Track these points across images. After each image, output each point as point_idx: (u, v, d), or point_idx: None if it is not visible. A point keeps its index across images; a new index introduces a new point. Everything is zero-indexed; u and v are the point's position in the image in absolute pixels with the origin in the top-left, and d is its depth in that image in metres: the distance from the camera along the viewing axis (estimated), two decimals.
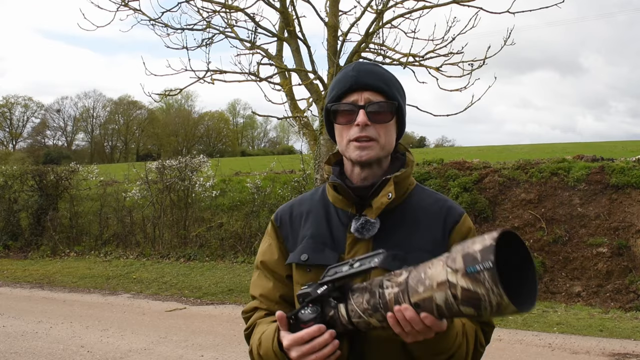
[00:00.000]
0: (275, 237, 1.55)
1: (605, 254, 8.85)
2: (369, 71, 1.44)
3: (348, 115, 1.42)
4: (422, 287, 1.06)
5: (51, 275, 10.54)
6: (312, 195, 1.56)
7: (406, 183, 1.46)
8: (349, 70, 1.45)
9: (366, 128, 1.39)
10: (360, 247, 1.39)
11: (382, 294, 1.12)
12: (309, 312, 1.20)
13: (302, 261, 1.43)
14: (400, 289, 1.10)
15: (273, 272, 1.51)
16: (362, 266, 1.16)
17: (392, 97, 1.43)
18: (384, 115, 1.42)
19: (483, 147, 31.22)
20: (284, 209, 1.58)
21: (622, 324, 6.92)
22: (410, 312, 1.08)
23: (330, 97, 1.46)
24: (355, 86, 1.41)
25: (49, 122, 56.85)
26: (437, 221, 1.42)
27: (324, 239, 1.44)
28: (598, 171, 9.73)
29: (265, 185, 12.80)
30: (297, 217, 1.53)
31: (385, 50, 8.22)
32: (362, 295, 1.16)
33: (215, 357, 5.69)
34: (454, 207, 1.46)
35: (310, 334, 1.18)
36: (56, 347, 6.01)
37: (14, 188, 13.94)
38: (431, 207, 1.45)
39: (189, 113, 60.43)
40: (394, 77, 1.48)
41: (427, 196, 1.49)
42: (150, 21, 8.24)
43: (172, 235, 12.44)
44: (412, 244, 1.38)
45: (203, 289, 9.16)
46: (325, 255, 1.42)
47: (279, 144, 60.48)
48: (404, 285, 1.10)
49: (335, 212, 1.47)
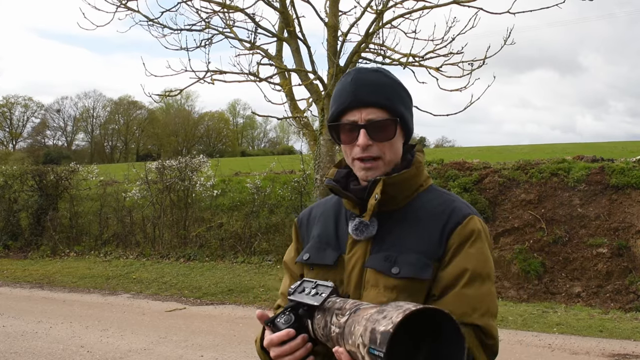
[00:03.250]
0: (295, 238, 1.62)
1: (605, 255, 8.85)
2: (369, 83, 1.37)
3: (349, 134, 1.38)
4: (350, 340, 1.05)
5: (51, 275, 10.54)
6: (331, 197, 1.58)
7: (409, 185, 1.41)
8: (347, 84, 1.38)
9: (369, 148, 1.35)
10: (358, 248, 1.40)
11: (330, 329, 1.14)
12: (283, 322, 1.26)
13: (304, 260, 1.48)
14: (340, 331, 1.10)
15: (291, 271, 1.59)
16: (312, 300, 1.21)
17: (394, 112, 1.37)
18: (387, 133, 1.37)
19: (483, 148, 31.20)
20: (305, 211, 1.64)
21: (622, 324, 6.92)
22: (345, 357, 1.07)
23: (330, 114, 1.43)
24: (354, 103, 1.36)
25: (49, 122, 56.91)
26: (438, 222, 1.36)
27: (328, 239, 1.47)
28: (598, 172, 9.73)
29: (265, 185, 12.80)
30: (313, 218, 1.57)
31: (385, 50, 8.23)
32: (322, 320, 1.18)
33: (215, 357, 5.69)
34: (459, 208, 1.39)
35: (280, 337, 1.23)
36: (56, 347, 6.01)
37: (14, 188, 13.93)
38: (435, 208, 1.39)
39: (189, 113, 60.44)
40: (396, 84, 1.41)
41: (436, 197, 1.43)
42: (148, 22, 8.24)
43: (172, 235, 12.44)
44: (406, 245, 1.35)
45: (203, 289, 9.16)
46: (326, 255, 1.44)
47: (279, 144, 60.48)
48: (342, 329, 1.09)
49: (344, 213, 1.48)
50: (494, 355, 1.33)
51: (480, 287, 1.31)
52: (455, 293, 1.30)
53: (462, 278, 1.30)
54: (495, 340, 1.31)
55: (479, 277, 1.31)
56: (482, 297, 1.31)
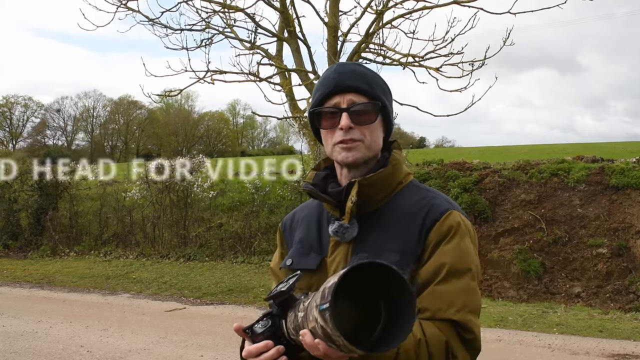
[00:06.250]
0: (280, 243, 1.60)
1: (605, 255, 8.85)
2: (351, 72, 1.40)
3: (331, 119, 1.40)
4: (311, 316, 1.06)
5: (51, 275, 10.54)
6: (313, 200, 1.56)
7: (387, 184, 1.40)
8: (330, 73, 1.42)
9: (350, 131, 1.37)
10: (340, 250, 1.39)
11: (297, 316, 1.14)
12: (260, 327, 1.24)
13: (287, 266, 1.47)
14: (304, 314, 1.10)
15: (277, 277, 1.56)
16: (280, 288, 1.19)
17: (375, 97, 1.39)
18: (368, 116, 1.39)
19: (483, 148, 31.19)
20: (288, 216, 1.62)
21: (622, 324, 6.92)
22: (308, 337, 1.06)
23: (313, 102, 1.44)
24: (337, 89, 1.38)
25: (49, 122, 56.85)
26: (416, 220, 1.35)
27: (311, 243, 1.46)
28: (598, 172, 9.73)
29: (264, 185, 12.81)
30: (296, 223, 1.56)
31: (385, 50, 8.23)
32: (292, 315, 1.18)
33: (215, 357, 5.69)
34: (437, 204, 1.37)
35: (259, 348, 1.21)
36: (56, 346, 6.01)
37: (14, 188, 13.94)
38: (413, 206, 1.38)
39: (189, 113, 60.41)
40: (377, 76, 1.45)
41: (415, 194, 1.42)
42: (148, 21, 8.24)
43: (171, 235, 12.44)
44: (386, 245, 1.34)
45: (203, 289, 9.16)
46: (309, 259, 1.43)
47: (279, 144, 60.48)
48: (306, 310, 1.10)
49: (326, 216, 1.47)
50: (475, 351, 1.31)
51: (457, 283, 1.29)
52: (431, 289, 1.28)
53: (439, 274, 1.29)
54: (475, 335, 1.29)
55: (456, 272, 1.29)
56: (459, 292, 1.28)
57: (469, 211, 9.67)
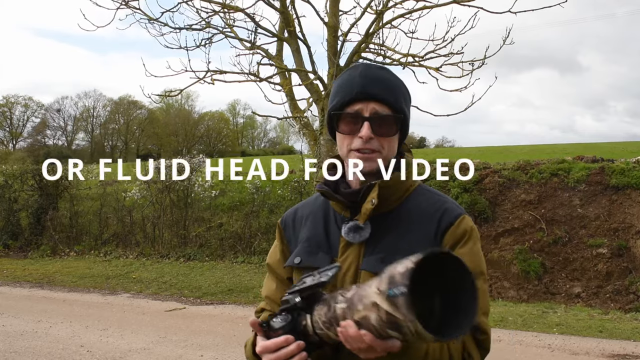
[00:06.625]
0: (279, 240, 1.57)
1: (605, 255, 8.85)
2: (377, 78, 1.38)
3: (352, 125, 1.38)
4: (361, 305, 1.04)
5: (51, 275, 10.54)
6: (316, 198, 1.55)
7: (400, 187, 1.41)
8: (355, 75, 1.39)
9: (370, 141, 1.36)
10: (351, 251, 1.38)
11: (334, 308, 1.12)
12: (280, 321, 1.22)
13: (295, 264, 1.45)
14: (347, 305, 1.08)
15: (276, 274, 1.54)
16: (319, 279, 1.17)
17: (398, 110, 1.38)
18: (389, 129, 1.38)
19: (483, 148, 31.18)
20: (289, 212, 1.60)
21: (622, 325, 6.92)
22: (352, 329, 1.05)
23: (334, 103, 1.41)
24: (361, 95, 1.36)
25: (49, 122, 56.89)
26: (431, 223, 1.37)
27: (319, 242, 1.44)
28: (598, 172, 9.73)
29: (264, 185, 12.80)
30: (299, 220, 1.54)
31: (385, 50, 8.24)
32: (323, 308, 1.16)
33: (215, 357, 5.69)
34: (451, 208, 1.40)
35: (277, 344, 1.19)
36: (56, 346, 6.01)
37: (14, 187, 13.94)
38: (427, 209, 1.40)
39: (189, 113, 60.44)
40: (401, 84, 1.43)
41: (427, 198, 1.43)
42: (149, 21, 8.24)
43: (171, 235, 12.44)
44: (399, 247, 1.34)
45: (203, 289, 9.16)
46: (318, 259, 1.41)
47: (279, 144, 60.51)
48: (350, 302, 1.08)
49: (333, 215, 1.46)
50: (486, 350, 1.35)
51: None
52: None
53: None
54: (487, 335, 1.33)
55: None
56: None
57: (469, 211, 9.66)
